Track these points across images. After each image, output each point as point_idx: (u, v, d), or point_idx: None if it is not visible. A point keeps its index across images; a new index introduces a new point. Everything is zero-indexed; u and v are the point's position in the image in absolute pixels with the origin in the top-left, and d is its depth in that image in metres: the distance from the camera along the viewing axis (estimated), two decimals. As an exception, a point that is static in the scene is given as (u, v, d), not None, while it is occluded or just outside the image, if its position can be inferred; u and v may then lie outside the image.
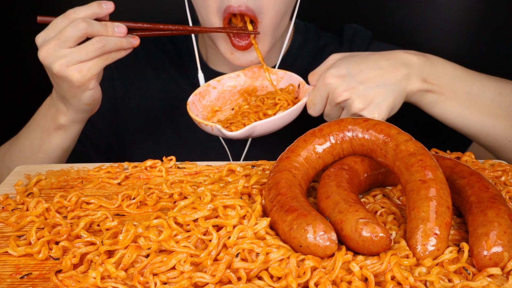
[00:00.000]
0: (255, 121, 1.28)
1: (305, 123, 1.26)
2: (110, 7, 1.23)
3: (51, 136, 1.39)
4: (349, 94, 1.23)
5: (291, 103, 1.34)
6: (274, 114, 1.32)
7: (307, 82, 1.37)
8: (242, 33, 1.40)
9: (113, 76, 1.66)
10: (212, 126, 1.26)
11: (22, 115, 1.55)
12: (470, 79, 1.32)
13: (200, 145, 1.60)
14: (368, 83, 1.24)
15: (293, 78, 1.42)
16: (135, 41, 1.27)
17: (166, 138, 1.65)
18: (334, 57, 1.33)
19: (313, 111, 1.31)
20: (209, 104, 1.42)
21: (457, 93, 1.30)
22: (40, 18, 1.25)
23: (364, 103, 1.23)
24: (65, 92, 1.28)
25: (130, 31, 1.27)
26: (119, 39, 1.24)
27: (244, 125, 1.27)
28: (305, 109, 1.32)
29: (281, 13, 1.43)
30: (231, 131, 1.25)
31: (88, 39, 1.22)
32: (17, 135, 1.51)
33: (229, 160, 1.57)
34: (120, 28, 1.23)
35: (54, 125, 1.37)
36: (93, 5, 1.22)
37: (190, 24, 1.54)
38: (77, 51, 1.20)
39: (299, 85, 1.39)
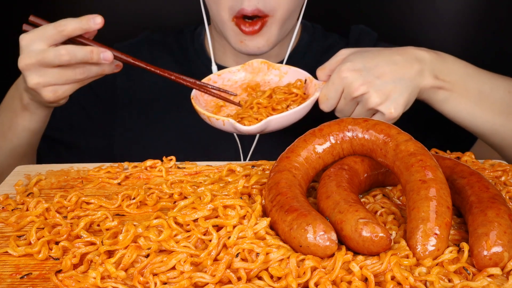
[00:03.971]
0: (268, 115, 1.24)
1: (314, 121, 1.25)
2: (99, 22, 1.20)
3: (18, 117, 1.38)
4: (366, 88, 1.22)
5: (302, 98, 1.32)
6: (287, 107, 1.29)
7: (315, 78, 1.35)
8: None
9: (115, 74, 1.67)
10: (224, 120, 1.20)
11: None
12: (480, 77, 1.32)
13: (204, 142, 1.61)
14: (384, 78, 1.23)
15: (299, 73, 1.39)
16: (116, 68, 1.27)
17: (170, 136, 1.65)
18: (344, 52, 1.31)
19: (326, 106, 1.29)
20: (211, 99, 1.37)
21: (468, 91, 1.30)
22: (32, 18, 1.22)
23: (382, 97, 1.22)
24: (34, 96, 1.29)
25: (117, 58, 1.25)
26: (101, 68, 1.23)
27: (257, 119, 1.23)
28: (315, 105, 1.29)
29: (290, 10, 1.46)
30: (244, 126, 1.21)
31: None
32: None
33: (239, 155, 1.57)
34: (106, 55, 1.21)
35: (20, 106, 1.36)
36: (83, 19, 1.19)
37: (205, 18, 1.58)
38: (56, 75, 1.20)
39: (305, 80, 1.36)
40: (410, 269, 0.83)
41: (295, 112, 1.24)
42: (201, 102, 1.35)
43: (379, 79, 1.23)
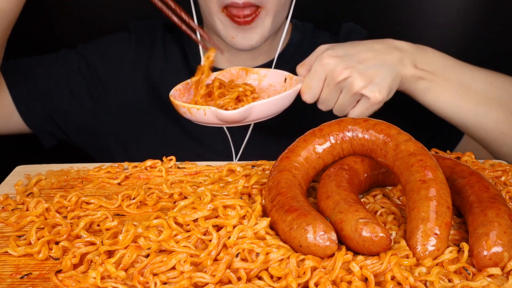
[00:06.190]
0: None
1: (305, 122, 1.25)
2: None
3: None
4: (350, 72, 1.23)
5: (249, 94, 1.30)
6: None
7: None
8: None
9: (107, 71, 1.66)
10: (205, 109, 1.18)
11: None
12: (460, 69, 1.33)
13: (195, 138, 1.60)
14: (366, 63, 1.24)
15: (278, 74, 1.39)
16: None
17: (161, 133, 1.64)
18: (322, 47, 1.31)
19: (309, 97, 1.28)
20: (189, 101, 1.33)
21: (449, 81, 1.31)
22: None
23: (366, 81, 1.23)
24: None
25: None
26: None
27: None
28: (298, 99, 1.28)
29: (281, 0, 1.45)
30: (226, 111, 1.17)
31: None
32: None
33: (230, 150, 1.57)
34: None
35: None
36: None
37: (195, 19, 1.54)
38: None
39: (285, 79, 1.35)
40: (410, 269, 0.83)
41: (278, 99, 1.22)
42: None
43: (361, 64, 1.24)
